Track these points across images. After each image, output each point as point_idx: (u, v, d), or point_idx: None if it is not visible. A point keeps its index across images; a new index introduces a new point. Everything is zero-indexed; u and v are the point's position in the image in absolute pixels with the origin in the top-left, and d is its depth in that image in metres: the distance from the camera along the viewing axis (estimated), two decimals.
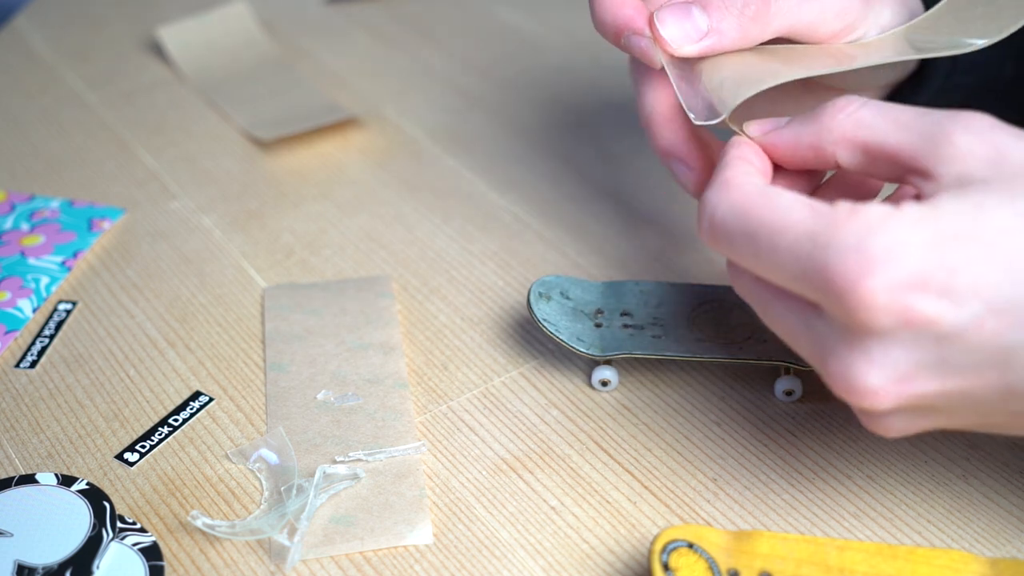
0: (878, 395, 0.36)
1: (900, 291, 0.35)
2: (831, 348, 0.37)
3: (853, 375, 0.36)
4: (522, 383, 0.52)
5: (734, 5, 0.47)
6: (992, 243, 0.35)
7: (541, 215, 0.63)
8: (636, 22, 0.49)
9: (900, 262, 0.35)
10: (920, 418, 0.38)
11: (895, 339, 0.36)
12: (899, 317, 0.35)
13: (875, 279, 0.35)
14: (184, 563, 0.44)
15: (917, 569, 0.40)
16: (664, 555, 0.40)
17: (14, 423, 0.51)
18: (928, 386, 0.36)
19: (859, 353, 0.36)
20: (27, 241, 0.62)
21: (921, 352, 0.36)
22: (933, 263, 0.35)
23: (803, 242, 0.36)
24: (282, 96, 0.75)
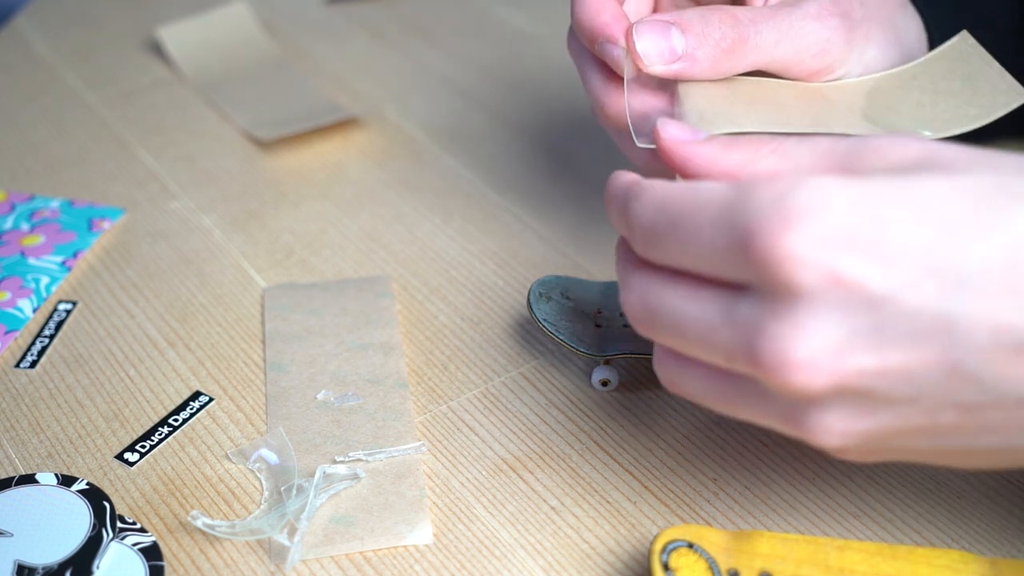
0: (811, 369, 0.33)
1: (824, 247, 0.32)
2: (758, 325, 0.34)
3: (783, 347, 0.33)
4: (522, 383, 0.52)
5: (712, 35, 0.47)
6: (925, 204, 0.33)
7: (541, 215, 0.63)
8: (612, 30, 0.49)
9: (823, 215, 0.32)
10: (863, 410, 0.34)
11: (824, 303, 0.33)
12: (825, 276, 0.32)
13: (796, 233, 0.32)
14: (184, 563, 0.44)
15: (917, 569, 0.40)
16: (664, 555, 0.40)
17: (14, 423, 0.51)
18: (865, 360, 0.33)
19: (788, 323, 0.33)
20: (27, 241, 0.62)
21: (853, 318, 0.33)
22: (860, 218, 0.33)
23: (723, 211, 0.34)
24: (282, 96, 0.75)
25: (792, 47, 0.48)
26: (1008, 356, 0.32)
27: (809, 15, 0.48)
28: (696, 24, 0.47)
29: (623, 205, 0.38)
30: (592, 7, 0.49)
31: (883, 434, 0.35)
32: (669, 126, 0.41)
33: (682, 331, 0.36)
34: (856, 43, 0.49)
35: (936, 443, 0.35)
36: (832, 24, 0.48)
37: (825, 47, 0.48)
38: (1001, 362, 0.33)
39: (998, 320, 0.32)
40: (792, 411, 0.35)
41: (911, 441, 0.36)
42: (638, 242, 0.37)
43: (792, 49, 0.48)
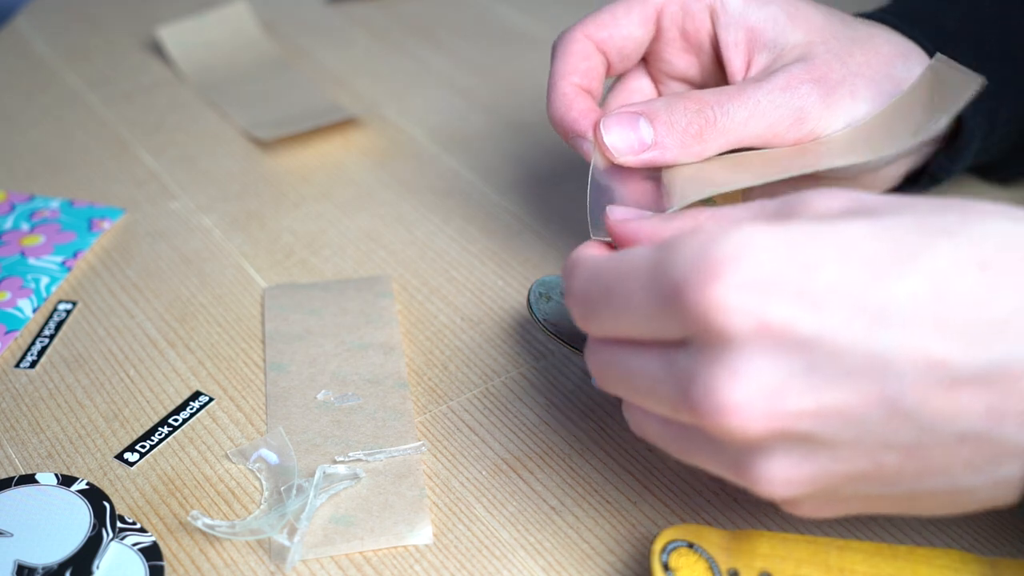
0: (745, 411, 0.33)
1: (750, 293, 0.32)
2: (692, 374, 0.34)
3: (717, 393, 0.33)
4: (522, 383, 0.52)
5: (679, 122, 0.47)
6: (848, 245, 0.33)
7: (541, 215, 0.63)
8: (581, 125, 0.50)
9: (747, 262, 0.32)
10: (804, 455, 0.34)
11: (755, 348, 0.32)
12: (753, 322, 0.32)
13: (721, 282, 0.32)
14: (184, 563, 0.44)
15: (917, 569, 0.40)
16: (664, 555, 0.40)
17: (14, 423, 0.51)
18: (801, 402, 0.33)
19: (721, 369, 0.33)
20: (27, 241, 0.62)
21: (786, 361, 0.32)
22: (784, 263, 0.32)
23: (651, 273, 0.34)
24: (282, 96, 0.75)
25: (763, 122, 0.48)
26: (943, 390, 0.32)
27: (776, 87, 0.48)
28: (662, 112, 0.47)
29: (566, 280, 0.39)
30: (562, 103, 0.51)
31: (828, 480, 0.35)
32: (616, 211, 0.42)
33: (632, 386, 0.37)
34: (838, 104, 0.48)
35: (884, 490, 0.35)
36: (803, 92, 0.48)
37: (799, 116, 0.48)
38: (937, 397, 0.32)
39: (930, 354, 0.32)
40: (737, 459, 0.35)
41: (859, 488, 0.35)
42: (577, 316, 0.38)
43: (763, 124, 0.48)
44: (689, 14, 0.51)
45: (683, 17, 0.51)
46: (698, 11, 0.51)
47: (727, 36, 0.51)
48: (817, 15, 0.50)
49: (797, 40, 0.50)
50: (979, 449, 0.33)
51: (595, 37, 0.52)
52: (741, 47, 0.51)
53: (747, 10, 0.50)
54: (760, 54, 0.50)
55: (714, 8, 0.51)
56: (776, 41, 0.50)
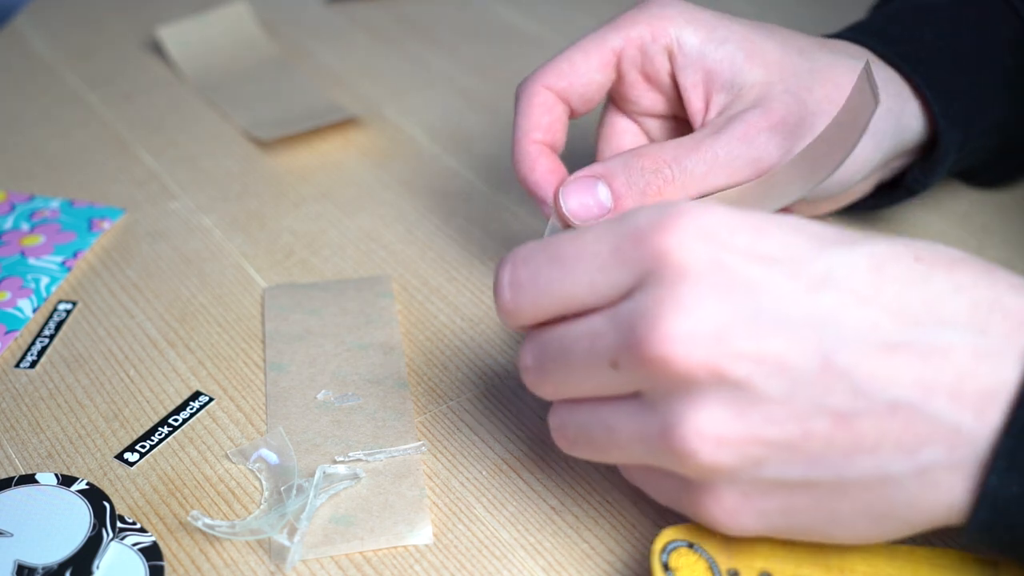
0: (689, 343, 0.33)
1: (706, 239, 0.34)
2: (639, 312, 0.35)
3: (663, 323, 0.34)
4: (522, 383, 0.52)
5: (636, 183, 0.48)
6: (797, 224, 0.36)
7: (541, 215, 0.63)
8: (542, 190, 0.50)
9: (704, 215, 0.35)
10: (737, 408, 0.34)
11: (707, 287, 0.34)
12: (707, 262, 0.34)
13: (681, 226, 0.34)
14: (184, 563, 0.44)
15: (918, 569, 0.40)
16: (664, 555, 0.40)
17: (14, 423, 0.51)
18: (744, 344, 0.33)
19: (670, 303, 0.34)
20: (27, 241, 0.62)
21: (734, 303, 0.34)
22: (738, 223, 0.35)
23: (608, 228, 0.36)
24: (282, 96, 0.75)
25: (723, 174, 0.48)
26: (877, 353, 0.34)
27: (735, 138, 0.48)
28: (620, 174, 0.48)
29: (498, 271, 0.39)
30: (525, 163, 0.51)
31: (756, 448, 0.34)
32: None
33: (569, 356, 0.37)
34: (798, 146, 0.48)
35: (811, 472, 0.35)
36: (761, 141, 0.48)
37: (759, 164, 0.48)
38: (871, 358, 0.34)
39: (866, 317, 0.34)
40: (668, 417, 0.35)
41: (786, 468, 0.35)
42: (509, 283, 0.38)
43: (724, 175, 0.48)
44: (647, 56, 0.51)
45: (642, 59, 0.51)
46: (656, 53, 0.51)
47: (685, 78, 0.51)
48: (775, 51, 0.50)
49: (755, 79, 0.49)
50: (908, 423, 0.34)
51: (555, 87, 0.52)
52: (699, 89, 0.51)
53: (704, 50, 0.50)
54: (718, 95, 0.50)
55: (671, 49, 0.51)
56: (734, 82, 0.50)
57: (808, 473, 0.35)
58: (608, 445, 0.38)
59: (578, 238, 0.37)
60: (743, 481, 0.36)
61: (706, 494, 0.37)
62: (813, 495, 0.36)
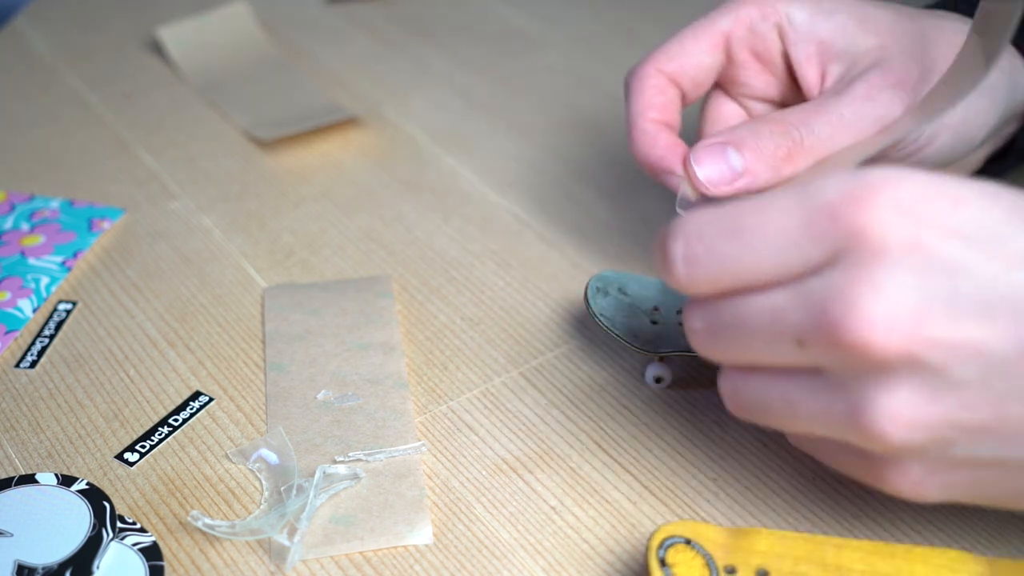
0: (885, 327, 0.32)
1: (905, 213, 0.32)
2: (831, 292, 0.33)
3: (859, 306, 0.32)
4: (522, 383, 0.52)
5: (766, 147, 0.47)
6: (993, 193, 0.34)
7: (541, 215, 0.63)
8: (667, 161, 0.49)
9: (902, 187, 0.33)
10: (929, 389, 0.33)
11: (904, 267, 0.32)
12: (908, 238, 0.32)
13: (879, 200, 0.33)
14: (184, 563, 0.44)
15: (914, 568, 0.40)
16: (661, 551, 0.40)
17: (14, 423, 0.51)
18: (940, 329, 0.32)
19: (866, 284, 0.32)
20: (27, 241, 0.62)
21: (931, 284, 0.32)
22: (935, 193, 0.33)
23: (791, 204, 0.34)
24: (282, 96, 0.75)
25: (849, 134, 0.47)
26: None
27: (858, 97, 0.47)
28: (749, 139, 0.47)
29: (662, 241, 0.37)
30: (645, 141, 0.50)
31: (948, 430, 0.34)
32: None
33: (747, 329, 0.36)
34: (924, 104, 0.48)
35: (1003, 452, 0.34)
36: (884, 99, 0.47)
37: (882, 123, 0.47)
38: None
39: None
40: (860, 394, 0.34)
41: (977, 447, 0.34)
42: (683, 256, 0.36)
43: (849, 136, 0.47)
44: (757, 35, 0.51)
45: (752, 39, 0.51)
46: (766, 31, 0.51)
47: (798, 52, 0.50)
48: (885, 16, 0.50)
49: (869, 45, 0.49)
50: None
51: (666, 70, 0.51)
52: (813, 61, 0.50)
53: (815, 23, 0.50)
54: (833, 65, 0.50)
55: (782, 25, 0.50)
56: (848, 50, 0.49)
57: (999, 452, 0.34)
58: (787, 417, 0.37)
59: (761, 210, 0.35)
60: (932, 458, 0.35)
61: (891, 468, 0.36)
62: (1002, 470, 0.35)
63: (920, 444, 0.34)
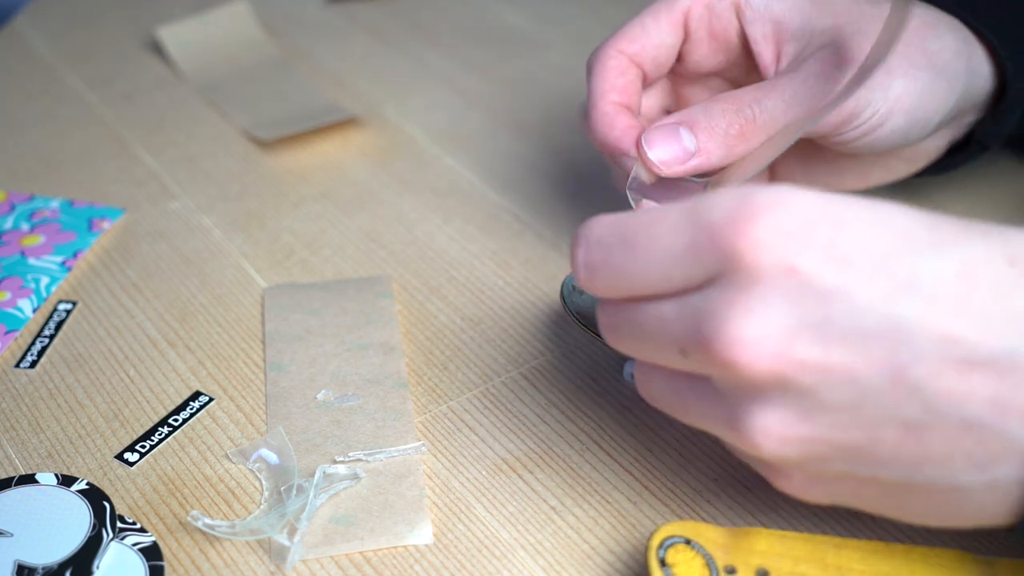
0: (756, 348, 0.33)
1: (783, 237, 0.33)
2: (708, 310, 0.34)
3: (729, 325, 0.33)
4: (522, 383, 0.52)
5: (719, 126, 0.47)
6: (886, 215, 0.34)
7: (541, 215, 0.63)
8: (623, 143, 0.50)
9: (784, 210, 0.33)
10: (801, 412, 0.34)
11: (777, 290, 0.33)
12: (782, 263, 0.33)
13: (759, 222, 0.33)
14: (184, 563, 0.44)
15: (914, 568, 0.40)
16: (661, 551, 0.40)
17: (14, 423, 0.51)
18: (810, 352, 0.33)
19: (739, 304, 0.33)
20: (27, 241, 0.62)
21: (804, 308, 0.33)
22: (819, 215, 0.33)
23: (683, 217, 0.35)
24: (282, 96, 0.75)
25: (802, 111, 0.47)
26: (954, 369, 0.32)
27: (812, 75, 0.48)
28: (702, 119, 0.47)
29: (575, 245, 0.39)
30: (604, 122, 0.50)
31: (822, 447, 0.35)
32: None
33: (642, 333, 0.37)
34: (873, 82, 0.48)
35: (878, 471, 0.35)
36: (838, 76, 0.48)
37: None
38: (946, 375, 0.32)
39: (947, 330, 0.32)
40: (734, 409, 0.35)
41: (853, 465, 0.35)
42: (582, 262, 0.38)
43: (803, 113, 0.47)
44: (715, 14, 0.51)
45: (710, 17, 0.51)
46: (723, 9, 0.51)
47: (754, 31, 0.51)
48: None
49: (825, 26, 0.49)
50: (981, 441, 0.33)
51: (628, 51, 0.52)
52: (769, 40, 0.51)
53: (771, 3, 0.50)
54: (788, 44, 0.50)
55: (739, 4, 0.51)
56: (803, 29, 0.50)
57: (876, 472, 0.35)
58: (680, 413, 0.38)
59: (652, 225, 0.36)
60: (811, 470, 0.36)
61: (776, 472, 0.37)
62: (881, 487, 0.36)
63: (794, 458, 0.35)
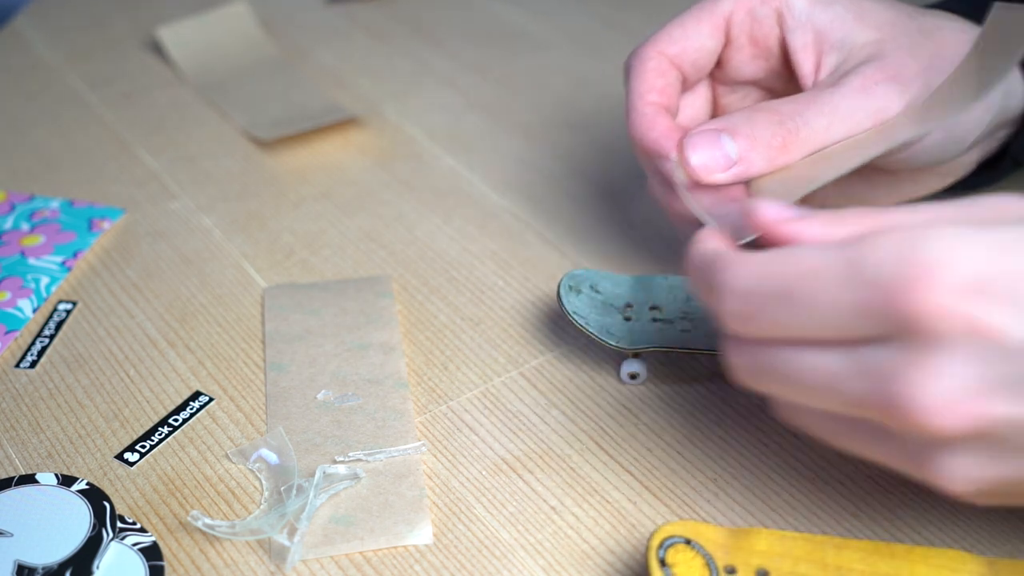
0: (947, 411, 0.32)
1: (961, 296, 0.32)
2: (891, 371, 0.33)
3: (920, 390, 0.33)
4: (522, 383, 0.52)
5: (762, 136, 0.46)
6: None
7: (541, 215, 0.63)
8: (662, 145, 0.49)
9: (959, 265, 0.32)
10: (990, 457, 0.34)
11: (962, 350, 0.32)
12: (966, 325, 0.32)
13: (935, 284, 0.32)
14: (184, 563, 0.44)
15: (914, 568, 0.40)
16: (661, 551, 0.40)
17: (14, 423, 0.51)
18: (1000, 408, 0.33)
19: (926, 368, 0.32)
20: (27, 241, 0.62)
21: (989, 366, 0.32)
22: (996, 268, 0.32)
23: (846, 272, 0.34)
24: (282, 96, 0.75)
25: (844, 126, 0.47)
26: None
27: (853, 89, 0.47)
28: (744, 127, 0.47)
29: (709, 279, 0.37)
30: (643, 123, 0.50)
31: (1009, 481, 0.35)
32: (765, 208, 0.39)
33: (801, 383, 0.36)
34: (916, 99, 0.48)
35: None
36: (880, 92, 0.47)
37: (878, 116, 0.47)
38: None
39: None
40: (919, 454, 0.35)
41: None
42: (734, 314, 0.36)
43: (844, 128, 0.47)
44: (757, 20, 0.51)
45: (751, 23, 0.51)
46: (765, 16, 0.51)
47: (795, 39, 0.50)
48: (883, 12, 0.50)
49: (866, 39, 0.49)
50: None
51: (668, 52, 0.51)
52: (810, 49, 0.50)
53: (813, 12, 0.50)
54: (829, 55, 0.50)
55: (781, 12, 0.51)
56: (844, 41, 0.49)
57: None
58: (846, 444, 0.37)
59: (811, 277, 0.34)
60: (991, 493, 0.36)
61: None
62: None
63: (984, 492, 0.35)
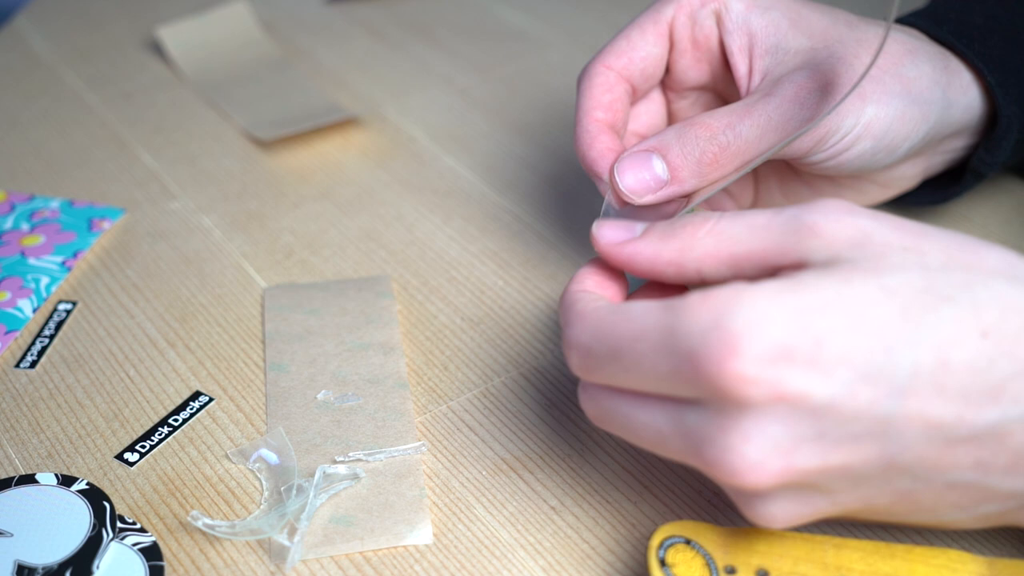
0: (757, 470, 0.35)
1: (766, 364, 0.34)
2: (705, 435, 0.36)
3: (731, 454, 0.35)
4: (522, 383, 0.52)
5: (692, 153, 0.47)
6: (858, 313, 0.35)
7: (541, 215, 0.63)
8: (598, 166, 0.49)
9: (762, 335, 0.34)
10: (804, 500, 0.37)
11: (770, 414, 0.35)
12: (770, 391, 0.34)
13: (740, 355, 0.34)
14: (184, 563, 0.44)
15: (914, 568, 0.40)
16: (661, 551, 0.40)
17: (14, 423, 0.51)
18: (809, 461, 0.35)
19: (735, 432, 0.35)
20: (27, 241, 0.62)
21: (798, 426, 0.35)
22: (797, 334, 0.34)
23: (664, 340, 0.36)
24: (282, 96, 0.75)
25: (776, 136, 0.48)
26: (938, 449, 0.35)
27: (786, 100, 0.48)
28: (674, 145, 0.47)
29: (563, 324, 0.41)
30: (584, 141, 0.50)
31: (822, 514, 0.38)
32: (604, 228, 0.43)
33: (635, 434, 0.39)
34: (847, 107, 0.48)
35: (869, 514, 0.39)
36: (812, 102, 0.48)
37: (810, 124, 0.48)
38: (932, 455, 0.36)
39: (929, 418, 0.35)
40: (741, 500, 0.38)
41: (846, 510, 0.38)
42: (577, 366, 0.40)
43: (776, 137, 0.48)
44: (697, 23, 0.51)
45: (692, 26, 0.51)
46: (705, 18, 0.51)
47: (732, 42, 0.51)
48: (820, 20, 0.50)
49: (800, 46, 0.50)
50: (966, 494, 0.37)
51: (615, 66, 0.51)
52: (744, 52, 0.51)
53: (749, 15, 0.50)
54: (762, 59, 0.50)
55: (720, 14, 0.51)
56: (778, 47, 0.50)
57: (869, 517, 0.39)
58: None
59: (636, 342, 0.37)
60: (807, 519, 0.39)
61: None
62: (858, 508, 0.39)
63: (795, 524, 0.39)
